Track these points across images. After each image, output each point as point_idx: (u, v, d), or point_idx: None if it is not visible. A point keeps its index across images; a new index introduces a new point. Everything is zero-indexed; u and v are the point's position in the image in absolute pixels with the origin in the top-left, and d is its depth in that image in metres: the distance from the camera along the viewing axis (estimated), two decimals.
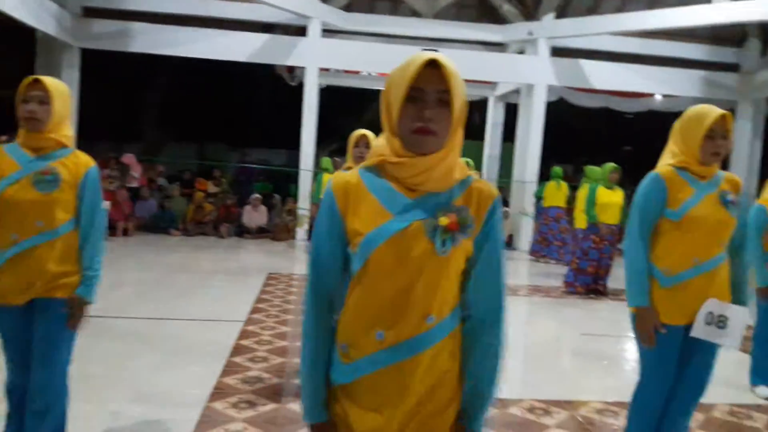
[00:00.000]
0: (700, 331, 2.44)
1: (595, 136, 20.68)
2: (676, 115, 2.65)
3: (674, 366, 2.54)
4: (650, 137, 18.73)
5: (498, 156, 14.34)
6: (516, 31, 11.95)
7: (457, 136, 1.37)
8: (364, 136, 3.69)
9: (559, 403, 3.79)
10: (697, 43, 12.28)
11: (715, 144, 2.43)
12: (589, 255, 7.36)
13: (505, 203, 13.02)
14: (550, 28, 11.59)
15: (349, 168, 3.73)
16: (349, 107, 18.42)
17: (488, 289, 1.42)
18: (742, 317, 2.43)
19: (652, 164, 2.65)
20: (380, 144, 1.40)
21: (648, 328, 2.47)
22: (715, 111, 2.43)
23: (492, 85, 13.61)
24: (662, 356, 2.52)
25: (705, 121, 2.41)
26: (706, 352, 2.52)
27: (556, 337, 5.71)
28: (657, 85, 12.15)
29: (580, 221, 7.57)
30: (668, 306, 2.48)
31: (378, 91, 15.51)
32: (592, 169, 7.82)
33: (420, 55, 1.31)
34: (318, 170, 9.09)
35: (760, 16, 9.86)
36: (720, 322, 2.42)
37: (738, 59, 12.51)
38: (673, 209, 2.47)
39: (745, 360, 4.36)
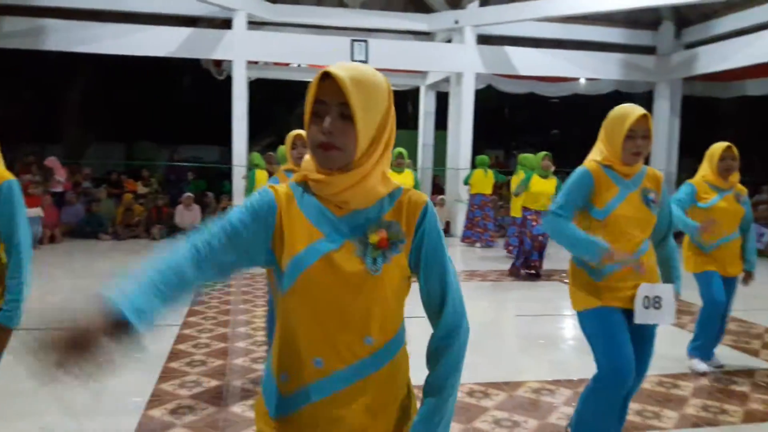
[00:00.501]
0: (641, 316, 2.53)
1: (524, 121, 21.20)
2: (599, 97, 2.72)
3: (627, 344, 2.54)
4: (575, 120, 19.46)
5: (432, 144, 14.48)
6: (442, 19, 12.08)
7: (377, 151, 1.29)
8: (299, 136, 3.62)
9: (497, 385, 3.89)
10: (615, 27, 12.76)
11: (636, 144, 2.49)
12: (532, 231, 7.49)
13: (441, 191, 13.21)
14: (475, 15, 11.77)
15: (290, 170, 3.70)
16: (280, 100, 18.18)
17: (438, 298, 1.35)
18: (672, 293, 2.55)
19: (579, 146, 2.73)
20: (307, 159, 1.34)
21: (617, 256, 2.49)
22: (635, 112, 2.49)
23: (422, 74, 13.73)
24: (613, 339, 2.55)
25: (625, 122, 2.48)
26: (646, 331, 2.62)
27: (493, 321, 5.84)
28: (579, 69, 12.54)
29: (516, 210, 7.73)
30: (604, 294, 2.57)
31: (308, 83, 15.42)
32: (525, 157, 7.99)
33: (326, 68, 1.25)
34: (250, 167, 8.94)
35: None
36: (656, 303, 2.53)
37: (654, 42, 13.06)
38: (599, 208, 2.56)
39: (668, 331, 4.59)
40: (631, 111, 2.50)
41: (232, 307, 5.85)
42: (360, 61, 11.06)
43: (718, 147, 4.03)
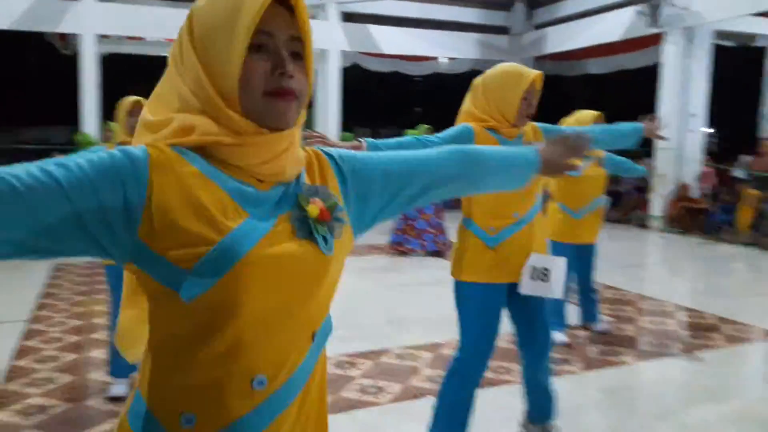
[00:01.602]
0: (527, 287, 2.45)
1: (389, 99, 21.59)
2: (458, 76, 2.67)
3: (496, 331, 2.51)
4: (437, 98, 20.10)
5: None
6: None
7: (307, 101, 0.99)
8: (138, 102, 3.29)
9: (364, 355, 4.03)
10: (471, 7, 13.30)
11: (530, 104, 2.40)
12: (425, 210, 7.60)
13: None
14: None
15: (125, 143, 3.41)
16: (137, 76, 17.16)
17: (426, 159, 1.17)
18: (562, 266, 2.47)
19: (441, 123, 2.65)
20: (196, 119, 0.91)
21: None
22: (532, 71, 2.38)
23: None
24: (486, 320, 2.49)
25: (522, 81, 2.35)
26: (536, 304, 2.57)
27: (364, 292, 5.98)
28: (439, 49, 12.98)
29: None
30: (494, 266, 2.46)
31: (166, 58, 14.70)
32: (406, 133, 8.14)
33: None
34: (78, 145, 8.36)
35: None
36: (543, 275, 2.44)
37: (507, 22, 13.78)
38: None
39: None
40: (526, 71, 2.38)
41: (86, 298, 5.52)
42: None
43: (586, 115, 4.29)
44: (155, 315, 0.92)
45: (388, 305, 5.42)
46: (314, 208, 0.95)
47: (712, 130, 18.49)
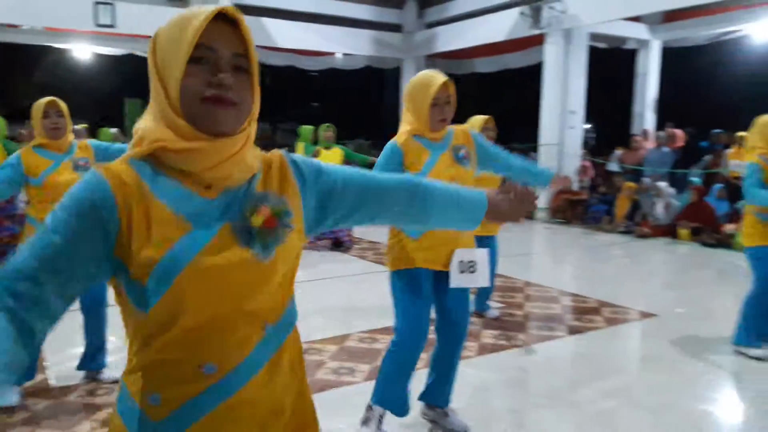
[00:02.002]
0: (456, 281, 2.65)
1: (286, 94, 21.38)
2: (354, 72, 2.80)
3: (429, 313, 2.72)
4: (334, 93, 20.21)
5: None
6: None
7: (257, 112, 1.10)
8: (53, 103, 3.16)
9: (329, 340, 4.16)
10: (365, 4, 13.45)
11: (441, 111, 2.59)
12: None
13: None
14: None
15: (41, 146, 3.20)
16: (14, 67, 15.99)
17: (381, 185, 1.27)
18: (486, 257, 2.69)
19: (338, 118, 2.82)
20: (147, 127, 1.03)
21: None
22: (437, 80, 2.56)
23: None
24: (420, 303, 2.69)
25: (428, 91, 2.55)
26: (461, 292, 2.76)
27: (325, 282, 5.95)
28: (334, 44, 13.03)
29: None
30: (420, 254, 2.65)
31: (47, 48, 13.84)
32: (305, 128, 8.06)
33: (204, 8, 1.01)
34: None
35: None
36: (470, 267, 2.64)
37: (400, 20, 14.06)
38: (417, 171, 2.60)
39: None
40: (433, 79, 2.56)
41: None
42: (105, 26, 10.16)
43: (478, 119, 4.56)
44: (125, 313, 1.07)
45: (349, 292, 5.42)
46: (258, 217, 1.04)
47: (589, 126, 19.83)
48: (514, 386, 3.61)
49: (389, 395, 2.79)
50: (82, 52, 12.74)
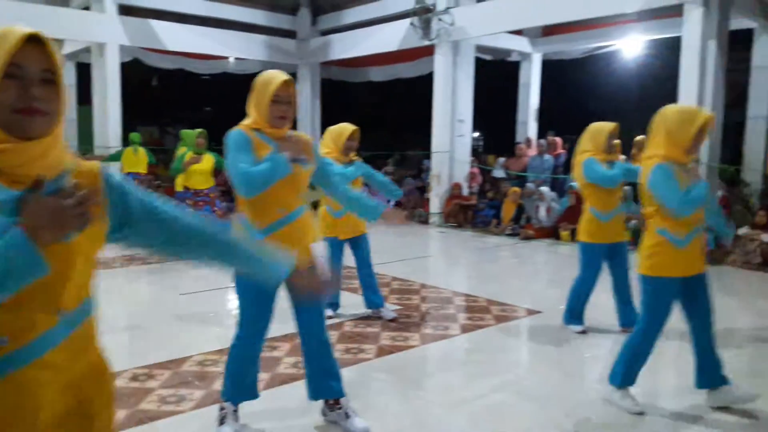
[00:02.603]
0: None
1: (177, 98, 20.68)
2: (248, 76, 2.80)
3: (271, 310, 2.82)
4: (227, 98, 19.72)
5: (75, 120, 13.23)
6: None
7: (64, 116, 1.27)
8: None
9: (162, 365, 3.91)
10: (258, 8, 13.33)
11: (280, 108, 2.64)
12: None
13: None
14: None
15: None
16: None
17: (163, 217, 1.45)
18: (324, 252, 2.86)
19: (231, 123, 2.82)
20: None
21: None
22: (278, 77, 2.63)
23: (58, 42, 12.27)
24: (263, 304, 2.78)
25: (269, 88, 2.61)
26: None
27: (157, 302, 5.75)
28: (227, 48, 12.81)
29: (179, 184, 7.63)
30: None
31: None
32: (187, 133, 7.83)
33: (13, 29, 1.19)
34: None
35: None
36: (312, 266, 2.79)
37: (294, 26, 14.05)
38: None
39: None
40: (275, 77, 2.64)
41: None
42: None
43: (345, 128, 4.68)
44: None
45: (184, 310, 5.28)
46: None
47: (478, 134, 20.70)
48: (410, 386, 3.73)
49: (235, 389, 2.92)
50: None
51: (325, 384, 3.03)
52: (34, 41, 1.20)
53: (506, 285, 6.52)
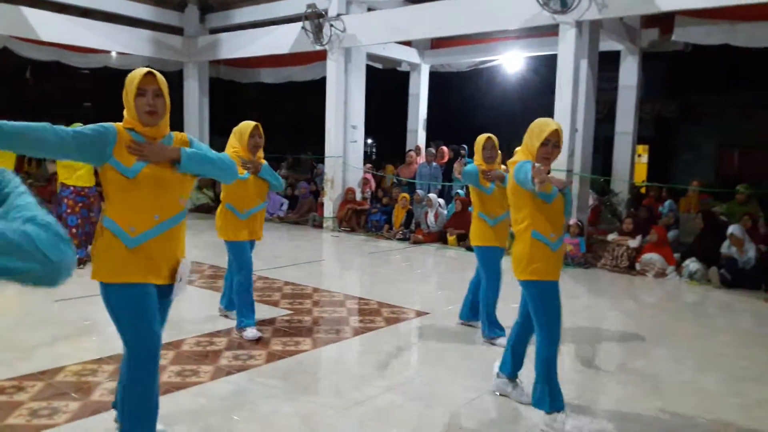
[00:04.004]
0: (178, 291, 2.66)
1: (53, 91, 19.31)
2: (131, 72, 2.64)
3: (157, 325, 2.59)
4: (109, 94, 18.70)
5: None
6: None
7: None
8: None
9: (33, 376, 3.65)
10: (144, 3, 12.74)
11: (147, 102, 2.50)
12: (67, 221, 6.91)
13: None
14: None
15: None
16: None
17: None
18: (189, 267, 2.72)
19: (114, 119, 2.66)
20: None
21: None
22: (141, 70, 2.52)
23: None
24: (148, 319, 2.55)
25: (133, 83, 2.50)
26: (167, 306, 2.75)
27: (28, 310, 5.34)
28: (109, 42, 12.13)
29: (60, 181, 7.08)
30: (140, 266, 2.51)
31: None
32: (76, 126, 7.32)
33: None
34: None
35: None
36: (180, 277, 2.66)
37: (181, 23, 13.57)
38: (127, 167, 2.48)
39: (202, 295, 5.02)
40: (138, 71, 2.53)
41: None
42: None
43: (246, 125, 4.55)
44: None
45: (59, 318, 4.94)
46: None
47: (370, 141, 20.95)
48: (301, 391, 3.71)
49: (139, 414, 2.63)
50: None
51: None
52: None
53: (397, 288, 6.66)
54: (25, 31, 10.83)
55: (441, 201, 10.31)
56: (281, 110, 19.98)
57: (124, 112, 2.59)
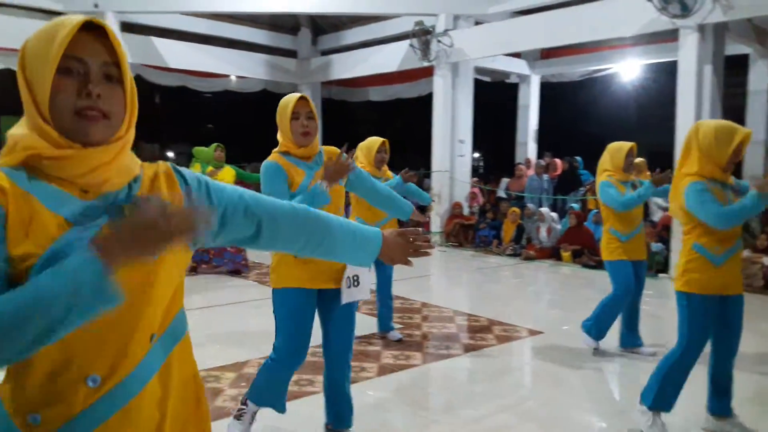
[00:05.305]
0: (347, 296, 2.77)
1: (178, 115, 20.75)
2: (250, 95, 2.84)
3: (309, 333, 2.78)
4: (229, 115, 19.86)
5: None
6: (79, 1, 11.08)
7: (134, 120, 1.11)
8: None
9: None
10: (260, 28, 13.44)
11: (301, 124, 2.70)
12: None
13: None
14: (118, 2, 11.10)
15: None
16: None
17: (270, 208, 1.29)
18: (368, 272, 2.86)
19: (234, 140, 2.85)
20: (21, 133, 1.03)
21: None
22: (295, 95, 2.72)
23: None
24: (301, 322, 2.76)
25: (287, 108, 2.69)
26: (346, 308, 2.84)
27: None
28: (229, 66, 12.87)
29: None
30: (304, 274, 2.71)
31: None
32: (200, 150, 7.88)
33: (70, 17, 1.01)
34: None
35: (308, 8, 11.35)
36: (356, 282, 2.80)
37: (295, 46, 14.15)
38: (293, 192, 2.68)
39: None
40: (291, 96, 2.73)
41: None
42: None
43: (374, 141, 4.79)
44: None
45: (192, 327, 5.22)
46: None
47: (478, 155, 20.78)
48: (413, 405, 3.69)
49: (265, 398, 2.92)
50: None
51: (339, 409, 2.97)
52: (93, 31, 1.03)
53: (508, 305, 6.49)
54: (156, 59, 11.73)
55: (554, 215, 9.98)
56: (388, 127, 20.28)
57: (278, 136, 2.78)
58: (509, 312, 6.02)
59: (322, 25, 14.04)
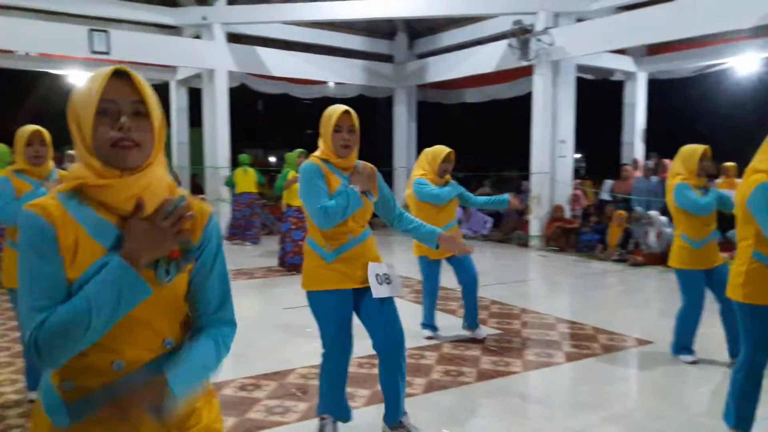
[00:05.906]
0: (377, 292, 2.86)
1: (279, 121, 21.52)
2: (347, 100, 2.94)
3: (351, 327, 2.92)
4: None
5: (187, 142, 14.05)
6: (189, 15, 11.74)
7: (162, 149, 1.33)
8: (37, 132, 3.33)
9: (268, 376, 4.02)
10: (357, 35, 13.67)
11: (342, 137, 2.79)
12: (292, 236, 7.77)
13: (200, 190, 12.88)
14: (224, 13, 11.68)
15: (21, 171, 3.36)
16: (9, 93, 16.10)
17: (219, 298, 1.44)
18: (396, 271, 2.96)
19: None
20: (76, 167, 1.29)
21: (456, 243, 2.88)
22: (339, 109, 2.80)
23: (172, 69, 13.19)
24: (339, 321, 2.89)
25: (331, 119, 2.78)
26: (386, 305, 2.93)
27: (261, 315, 5.92)
28: (327, 73, 13.18)
29: (283, 203, 7.98)
30: (335, 275, 2.85)
31: (44, 73, 13.79)
32: (289, 155, 8.18)
33: (102, 70, 1.27)
34: None
35: (405, 12, 11.42)
36: (386, 279, 2.89)
37: (391, 51, 14.28)
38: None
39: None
40: (335, 109, 2.81)
41: None
42: (101, 53, 10.23)
43: (440, 150, 4.71)
44: None
45: (289, 324, 5.39)
46: None
47: (580, 156, 20.07)
48: (511, 412, 3.60)
49: (330, 403, 3.02)
50: (77, 77, 12.79)
51: (394, 403, 3.06)
52: (122, 77, 1.27)
53: (614, 313, 6.20)
54: (260, 68, 12.22)
55: (664, 219, 9.43)
56: (484, 128, 20.02)
57: (319, 142, 2.88)
58: (615, 320, 5.74)
59: (419, 29, 14.07)
